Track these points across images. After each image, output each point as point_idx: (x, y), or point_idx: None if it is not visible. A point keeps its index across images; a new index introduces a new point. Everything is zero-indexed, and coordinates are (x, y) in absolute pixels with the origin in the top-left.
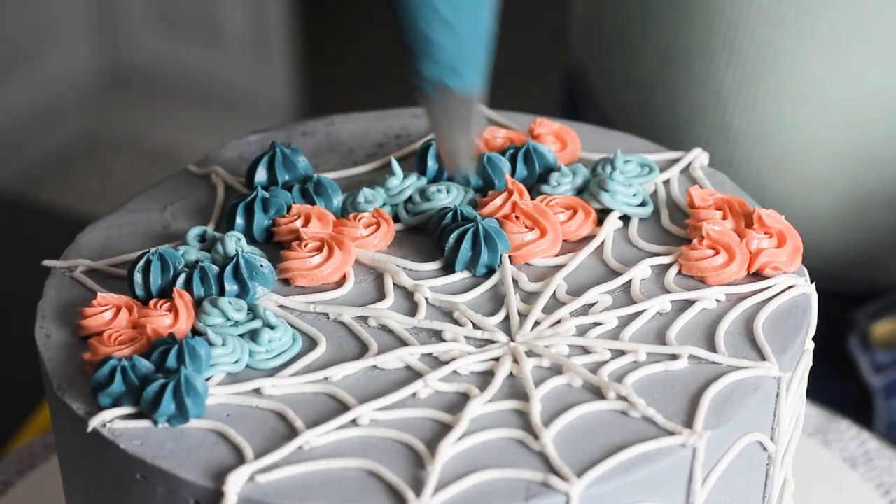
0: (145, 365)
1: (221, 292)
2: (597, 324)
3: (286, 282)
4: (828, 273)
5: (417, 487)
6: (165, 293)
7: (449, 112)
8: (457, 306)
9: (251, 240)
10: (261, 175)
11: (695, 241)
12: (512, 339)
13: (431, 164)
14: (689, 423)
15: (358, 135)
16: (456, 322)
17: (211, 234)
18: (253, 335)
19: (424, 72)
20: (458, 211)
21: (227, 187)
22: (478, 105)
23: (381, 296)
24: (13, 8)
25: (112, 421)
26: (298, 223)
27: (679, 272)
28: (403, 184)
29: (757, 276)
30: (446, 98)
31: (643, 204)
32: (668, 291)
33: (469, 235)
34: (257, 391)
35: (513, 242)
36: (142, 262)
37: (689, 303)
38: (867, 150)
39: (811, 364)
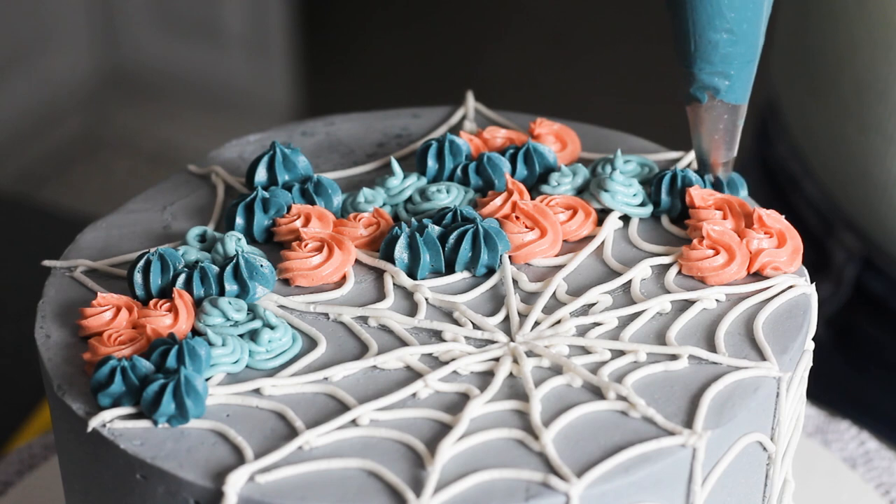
0: (145, 365)
1: (221, 292)
2: (597, 324)
3: (286, 282)
4: None
5: (417, 487)
6: (165, 293)
7: (714, 119)
8: (457, 306)
9: (251, 240)
10: (261, 175)
11: (695, 241)
12: (512, 340)
13: (431, 164)
14: (689, 423)
15: (358, 135)
16: (456, 322)
17: (211, 234)
18: (253, 335)
19: (700, 75)
20: (458, 211)
21: (227, 187)
22: (743, 116)
23: (381, 296)
24: (13, 8)
25: (112, 421)
26: (298, 223)
27: (679, 272)
28: (403, 184)
29: (757, 276)
30: (713, 104)
31: (643, 204)
32: (668, 291)
33: (469, 235)
34: (257, 391)
35: (513, 242)
36: (142, 263)
37: (689, 303)
38: None
39: (811, 364)
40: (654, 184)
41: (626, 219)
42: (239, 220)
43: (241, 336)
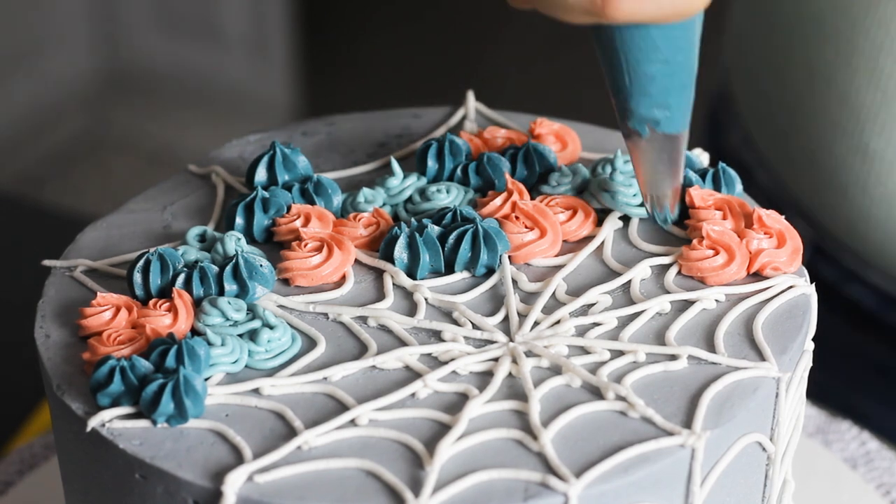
0: (144, 365)
1: (221, 292)
2: (596, 324)
3: (286, 282)
4: None
5: (416, 488)
6: (165, 293)
7: (656, 150)
8: (456, 306)
9: (251, 240)
10: (261, 175)
11: (695, 242)
12: (511, 340)
13: (431, 164)
14: (688, 423)
15: (358, 135)
16: (455, 322)
17: (211, 234)
18: (252, 335)
19: (637, 109)
20: (458, 211)
21: (227, 187)
22: (685, 143)
23: (380, 296)
24: (13, 8)
25: (111, 421)
26: (298, 223)
27: (679, 272)
28: (403, 184)
29: (757, 276)
30: (655, 136)
31: (643, 204)
32: (667, 292)
33: (469, 235)
34: (256, 391)
35: (512, 242)
36: (141, 262)
37: (689, 303)
38: None
39: (811, 364)
40: None
41: (626, 219)
42: (239, 220)
43: (240, 336)
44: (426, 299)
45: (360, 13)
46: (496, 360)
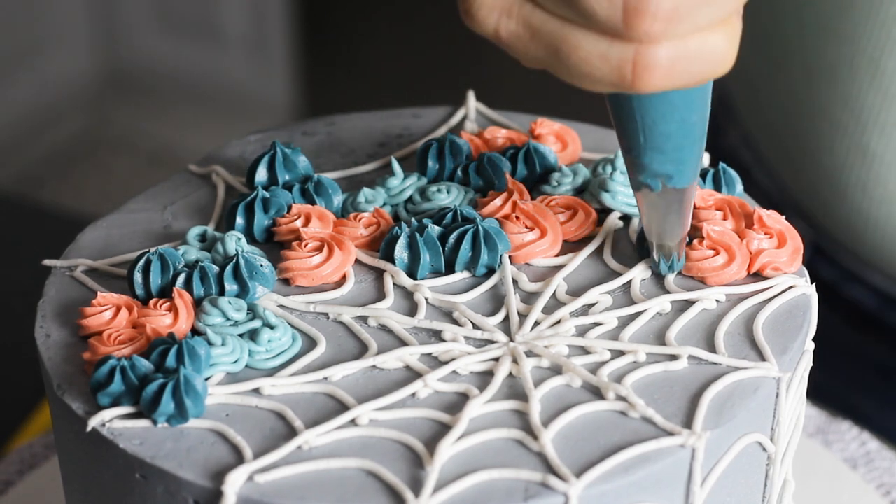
0: (145, 365)
1: (221, 292)
2: (596, 324)
3: (286, 282)
4: None
5: (416, 487)
6: (165, 293)
7: (667, 203)
8: (456, 306)
9: (251, 240)
10: (261, 175)
11: (695, 242)
12: (511, 340)
13: (432, 164)
14: (688, 423)
15: (359, 134)
16: (456, 322)
17: (211, 234)
18: (252, 335)
19: (651, 165)
20: (458, 211)
21: (228, 187)
22: (694, 193)
23: (380, 296)
24: (13, 8)
25: (111, 420)
26: (299, 223)
27: (679, 272)
28: (404, 184)
29: (757, 276)
30: (667, 190)
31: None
32: (667, 292)
33: (469, 235)
34: (257, 391)
35: (513, 242)
36: (142, 262)
37: (689, 303)
38: None
39: (811, 364)
40: None
41: (626, 219)
42: (239, 220)
43: (240, 336)
44: (426, 299)
45: (360, 13)
46: (496, 359)
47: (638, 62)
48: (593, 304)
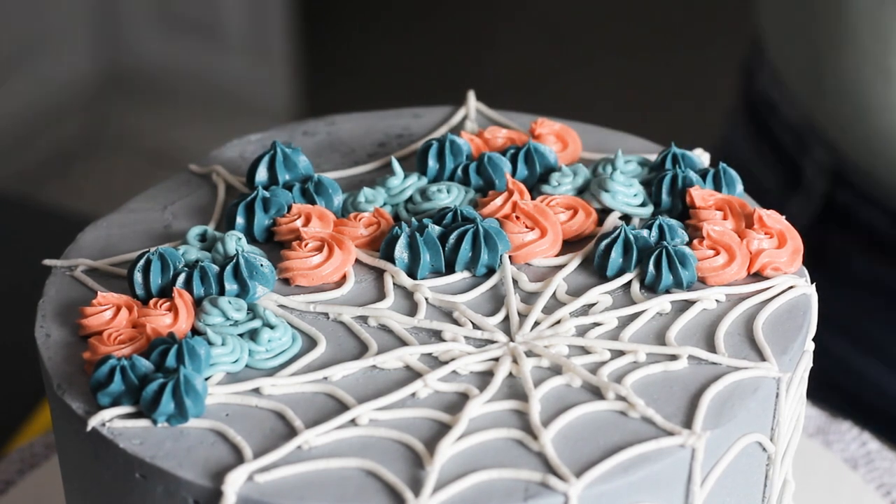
0: (145, 364)
1: (221, 292)
2: (596, 324)
3: (286, 281)
4: None
5: (416, 487)
6: (165, 293)
7: None
8: (457, 306)
9: (251, 239)
10: (261, 175)
11: (695, 242)
12: (511, 340)
13: (432, 164)
14: (688, 423)
15: (359, 134)
16: (456, 322)
17: (211, 234)
18: (252, 335)
19: None
20: (459, 211)
21: (228, 187)
22: None
23: (381, 296)
24: (13, 8)
25: (111, 420)
26: (299, 223)
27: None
28: (404, 184)
29: (757, 276)
30: None
31: (643, 204)
32: (668, 292)
33: (469, 235)
34: (256, 391)
35: (513, 242)
36: (142, 262)
37: (689, 303)
38: None
39: (811, 364)
40: (654, 184)
41: (626, 219)
42: (239, 220)
43: (240, 335)
44: (426, 299)
45: (360, 13)
46: (496, 359)
47: None
48: (593, 304)
